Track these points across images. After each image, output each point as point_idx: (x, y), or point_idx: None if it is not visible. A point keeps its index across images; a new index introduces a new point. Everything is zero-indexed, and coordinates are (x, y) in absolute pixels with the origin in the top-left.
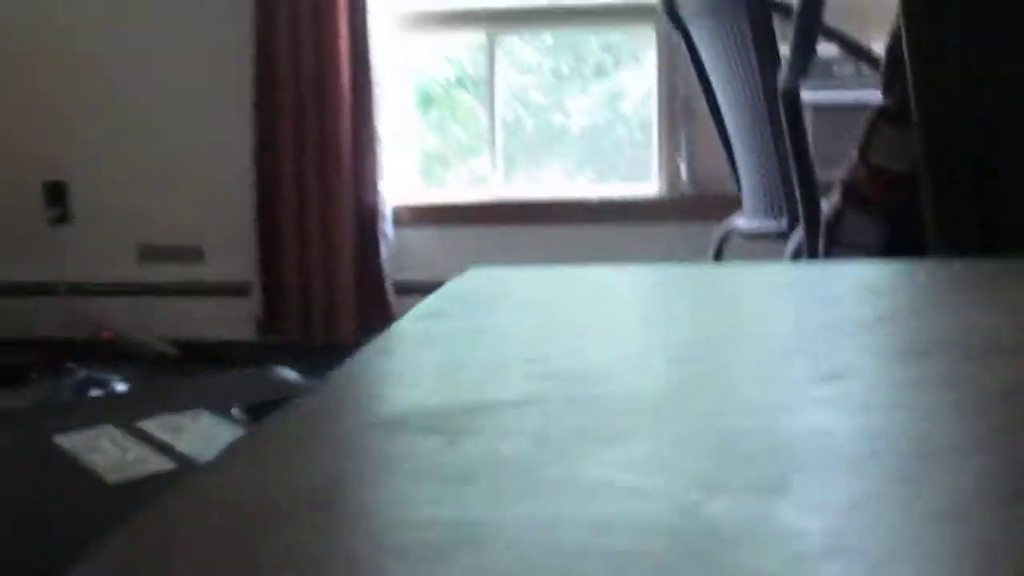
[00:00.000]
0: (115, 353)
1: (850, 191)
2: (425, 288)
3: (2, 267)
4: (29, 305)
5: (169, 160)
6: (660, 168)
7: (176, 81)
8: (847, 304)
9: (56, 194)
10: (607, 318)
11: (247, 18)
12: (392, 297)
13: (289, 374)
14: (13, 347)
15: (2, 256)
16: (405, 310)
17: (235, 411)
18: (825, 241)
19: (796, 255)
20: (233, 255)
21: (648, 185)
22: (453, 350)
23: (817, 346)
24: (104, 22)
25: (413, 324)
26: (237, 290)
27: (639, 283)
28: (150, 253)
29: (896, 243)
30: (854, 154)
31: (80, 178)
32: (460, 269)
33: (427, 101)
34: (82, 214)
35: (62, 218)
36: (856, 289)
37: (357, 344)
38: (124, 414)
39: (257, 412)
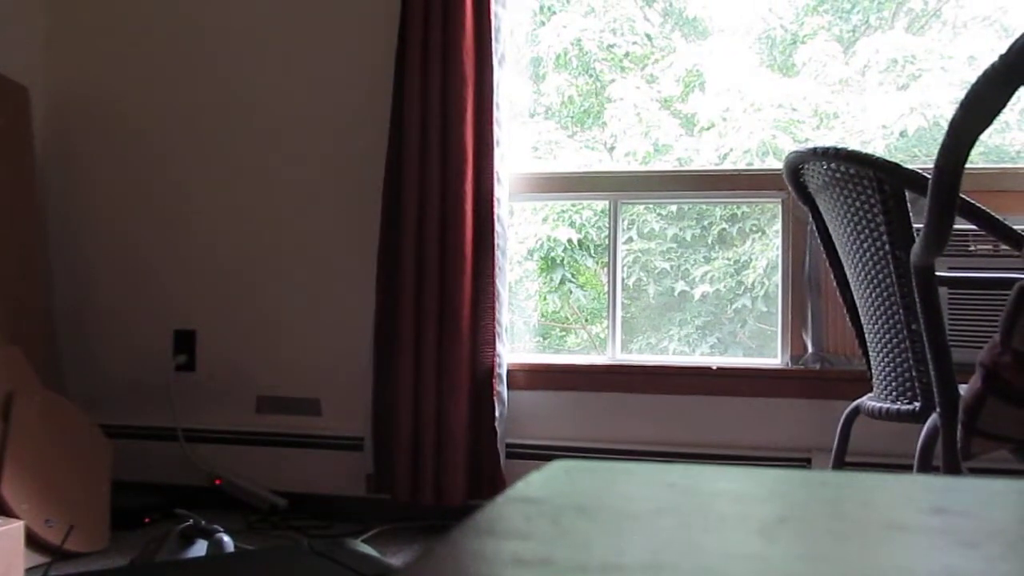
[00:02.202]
0: (226, 501)
1: (992, 377)
2: (536, 453)
3: (128, 410)
4: (150, 448)
5: (293, 314)
6: (784, 341)
7: (304, 241)
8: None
9: (184, 341)
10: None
11: (377, 179)
12: (503, 460)
13: (365, 549)
14: (132, 489)
15: (129, 400)
16: (516, 474)
17: None
18: (964, 430)
19: (929, 440)
20: (350, 410)
21: (771, 358)
22: (541, 547)
23: None
24: (238, 183)
25: (501, 512)
26: (351, 445)
27: (724, 488)
28: (268, 403)
29: None
30: (996, 337)
31: (207, 327)
32: (572, 435)
33: (550, 264)
34: (206, 362)
35: (187, 365)
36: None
37: (465, 507)
38: None
39: None
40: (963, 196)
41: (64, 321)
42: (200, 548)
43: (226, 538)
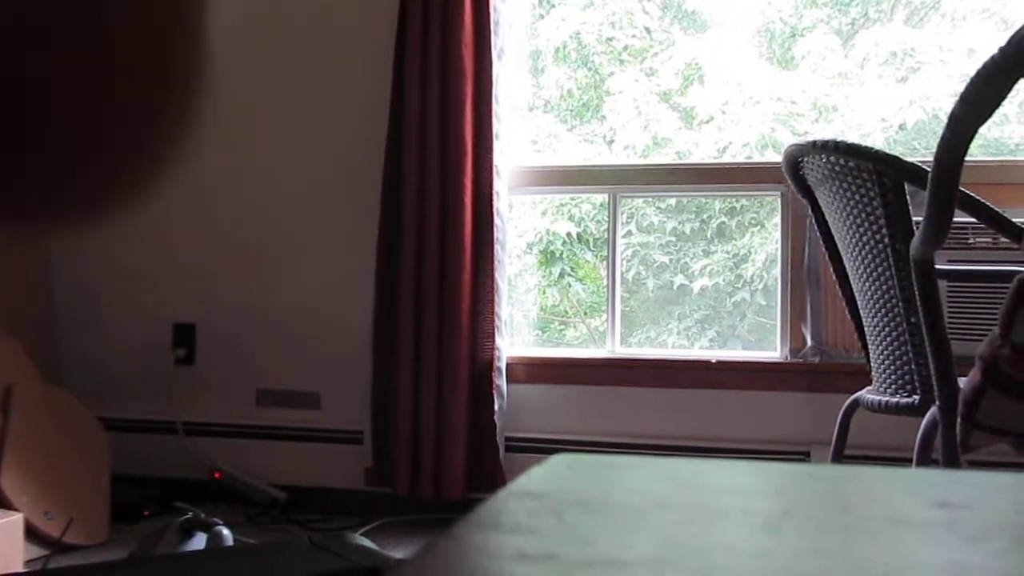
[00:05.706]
0: (225, 494)
1: (991, 370)
2: (535, 446)
3: (128, 404)
4: (149, 442)
5: (293, 307)
6: (783, 334)
7: (303, 234)
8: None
9: (184, 335)
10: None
11: (376, 172)
12: (503, 454)
13: (364, 542)
14: (131, 482)
15: (129, 393)
16: (515, 467)
17: None
18: (963, 423)
19: (928, 434)
20: (349, 403)
21: (770, 351)
22: (543, 542)
23: None
24: (237, 176)
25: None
26: (350, 438)
27: (728, 481)
28: (268, 397)
29: None
30: (996, 330)
31: (207, 321)
32: (570, 428)
33: (549, 258)
34: (206, 355)
35: (187, 359)
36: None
37: (464, 501)
38: None
39: None
40: (962, 189)
41: (64, 314)
42: (199, 541)
43: (225, 531)
